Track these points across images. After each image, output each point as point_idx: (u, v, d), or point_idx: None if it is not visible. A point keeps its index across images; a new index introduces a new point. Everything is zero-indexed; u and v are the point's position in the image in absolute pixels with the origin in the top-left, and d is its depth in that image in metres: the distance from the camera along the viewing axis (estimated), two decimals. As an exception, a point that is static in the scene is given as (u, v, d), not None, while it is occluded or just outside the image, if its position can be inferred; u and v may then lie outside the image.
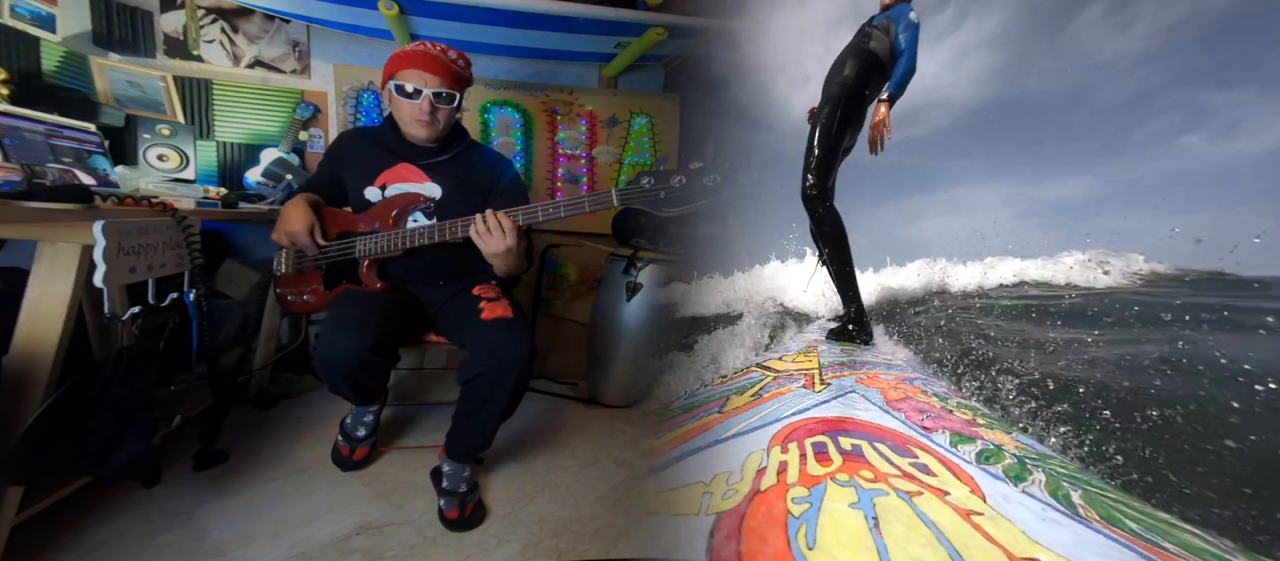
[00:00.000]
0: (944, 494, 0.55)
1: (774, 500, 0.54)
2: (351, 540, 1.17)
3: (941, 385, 1.19)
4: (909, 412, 0.84)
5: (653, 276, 1.97)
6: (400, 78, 1.29)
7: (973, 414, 0.91)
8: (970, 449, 0.70)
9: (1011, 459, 0.68)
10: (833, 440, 0.69)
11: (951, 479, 0.59)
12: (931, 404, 0.93)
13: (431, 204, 1.36)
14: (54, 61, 1.73)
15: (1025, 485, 0.60)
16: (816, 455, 0.64)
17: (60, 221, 0.95)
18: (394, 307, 1.31)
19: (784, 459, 0.64)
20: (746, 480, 0.60)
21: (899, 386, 1.03)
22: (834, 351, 1.47)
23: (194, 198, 1.52)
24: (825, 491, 0.55)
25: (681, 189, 1.09)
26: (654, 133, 2.53)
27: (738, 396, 0.99)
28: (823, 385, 1.02)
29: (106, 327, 1.12)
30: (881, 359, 1.39)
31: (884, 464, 0.62)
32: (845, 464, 0.61)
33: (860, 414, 0.82)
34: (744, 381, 1.13)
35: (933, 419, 0.82)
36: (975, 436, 0.76)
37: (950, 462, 0.64)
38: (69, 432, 0.90)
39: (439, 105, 1.31)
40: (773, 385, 1.05)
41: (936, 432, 0.76)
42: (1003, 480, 0.61)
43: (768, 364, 1.32)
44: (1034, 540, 0.48)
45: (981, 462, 0.66)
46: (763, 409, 0.88)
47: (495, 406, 1.24)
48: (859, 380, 1.06)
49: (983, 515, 0.52)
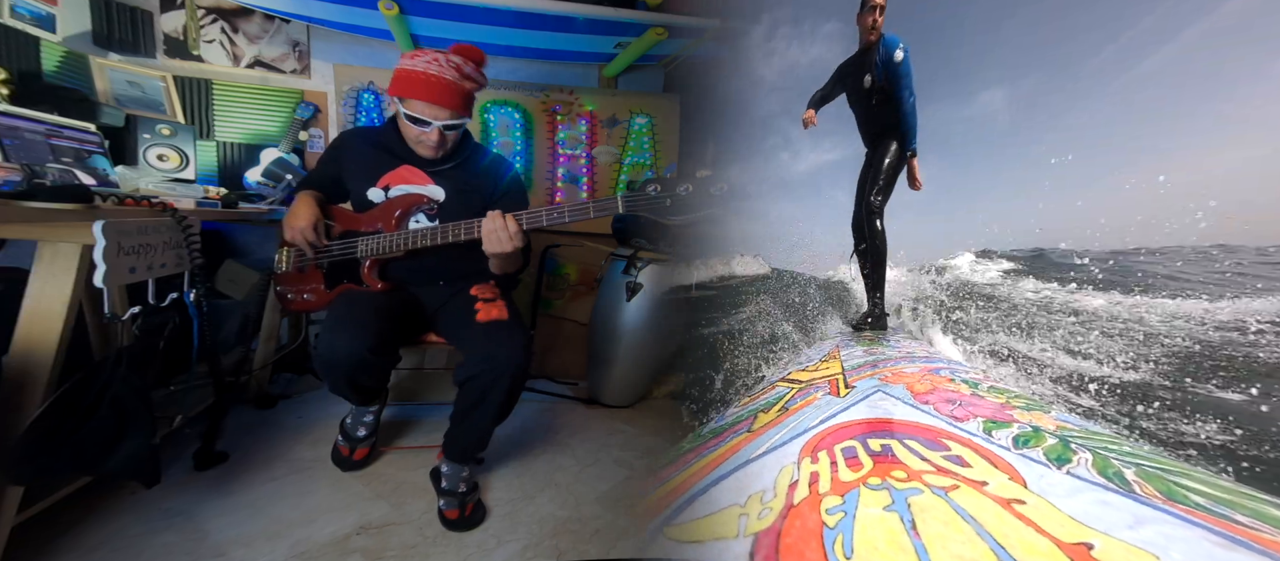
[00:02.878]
0: (982, 485, 0.53)
1: (808, 512, 0.53)
2: (351, 540, 1.17)
3: (971, 371, 1.16)
4: (938, 404, 0.81)
5: (653, 276, 1.97)
6: (410, 106, 1.25)
7: (1006, 397, 0.87)
8: (1006, 434, 0.67)
9: (1053, 440, 0.64)
10: (862, 443, 0.67)
11: (988, 468, 0.57)
12: (960, 392, 0.90)
13: (434, 205, 1.36)
14: (54, 61, 1.73)
15: (1070, 466, 0.56)
16: (847, 461, 0.62)
17: (60, 221, 0.95)
18: (394, 308, 1.31)
19: (815, 469, 0.62)
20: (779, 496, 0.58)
21: (925, 378, 1.00)
22: (856, 354, 1.46)
23: (194, 198, 1.52)
24: (858, 497, 0.53)
25: (688, 197, 1.09)
26: (654, 133, 2.53)
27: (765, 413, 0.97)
28: (847, 389, 1.00)
29: (106, 327, 1.12)
30: (903, 353, 1.37)
31: (916, 461, 0.60)
32: (876, 467, 0.59)
33: (887, 412, 0.80)
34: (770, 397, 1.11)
35: (963, 407, 0.79)
36: (1010, 420, 0.72)
37: (985, 451, 0.61)
38: (69, 432, 0.90)
39: (448, 134, 1.30)
40: (798, 397, 1.02)
41: (968, 421, 0.73)
42: (1044, 464, 0.57)
43: (791, 376, 1.30)
44: (1085, 524, 0.45)
45: (1020, 447, 0.62)
46: (790, 421, 0.85)
47: (490, 408, 1.24)
48: (883, 378, 1.03)
49: (1025, 503, 0.49)
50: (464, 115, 1.30)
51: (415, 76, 1.23)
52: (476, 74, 1.31)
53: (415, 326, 1.39)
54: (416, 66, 1.24)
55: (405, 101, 1.25)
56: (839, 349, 1.60)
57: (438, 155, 1.33)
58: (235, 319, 1.73)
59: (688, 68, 2.49)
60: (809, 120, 2.11)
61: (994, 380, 1.08)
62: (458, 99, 1.26)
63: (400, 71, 1.26)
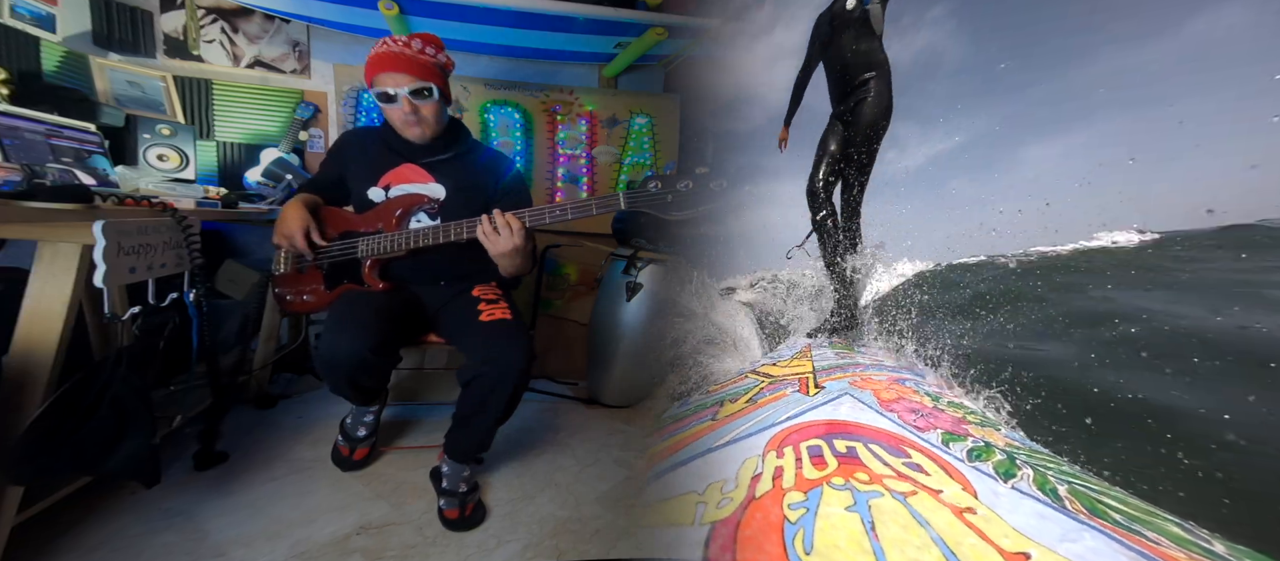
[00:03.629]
0: (938, 492, 0.56)
1: (770, 506, 0.54)
2: (351, 540, 1.17)
3: (933, 383, 1.19)
4: (902, 413, 0.85)
5: (652, 276, 1.97)
6: (377, 84, 1.27)
7: (962, 411, 0.92)
8: (961, 447, 0.71)
9: (1001, 455, 0.68)
10: (828, 443, 0.69)
11: (944, 477, 0.60)
12: (923, 403, 0.93)
13: (435, 205, 1.36)
14: (54, 61, 1.73)
15: (1014, 481, 0.60)
16: (812, 459, 0.64)
17: (60, 221, 0.95)
18: (395, 308, 1.31)
19: (780, 464, 0.64)
20: (741, 487, 0.60)
21: (892, 387, 1.03)
22: (827, 355, 1.48)
23: (194, 198, 1.52)
24: (822, 495, 0.55)
25: (688, 194, 1.10)
26: (654, 133, 2.53)
27: (731, 403, 0.99)
28: (817, 389, 1.02)
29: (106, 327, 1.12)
30: (873, 360, 1.40)
31: (879, 465, 0.62)
32: (841, 467, 0.62)
33: (855, 416, 0.83)
34: (738, 387, 1.13)
35: (925, 418, 0.82)
36: (965, 434, 0.76)
37: (943, 461, 0.65)
38: (69, 432, 0.90)
39: (419, 102, 1.29)
40: (767, 390, 1.05)
41: (929, 432, 0.76)
42: (993, 477, 0.61)
43: (762, 369, 1.32)
44: (1024, 535, 0.48)
45: (972, 460, 0.66)
46: (757, 414, 0.88)
47: (493, 409, 1.24)
48: (853, 382, 1.06)
49: (975, 512, 0.52)
50: (429, 82, 1.29)
51: (373, 57, 1.28)
52: (430, 50, 1.31)
53: (416, 326, 1.39)
54: (373, 50, 1.29)
55: (374, 83, 1.28)
56: (810, 348, 1.62)
57: (423, 133, 1.33)
58: (235, 319, 1.73)
59: (688, 68, 2.49)
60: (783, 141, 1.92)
61: (953, 395, 1.12)
62: (416, 67, 1.27)
63: (367, 63, 1.30)
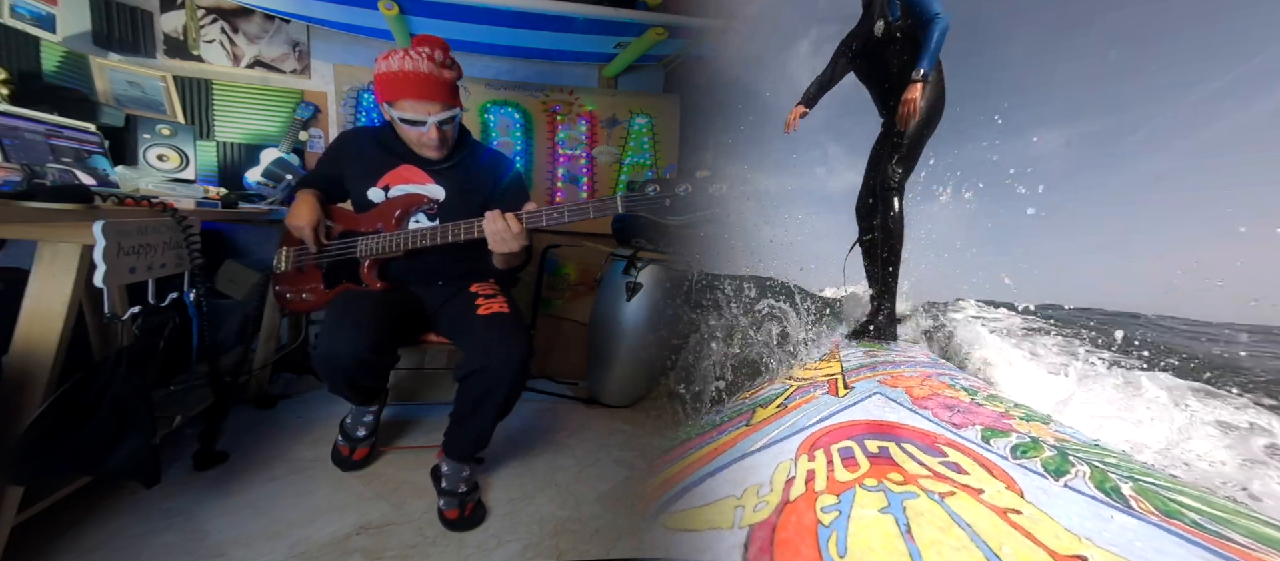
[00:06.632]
0: (978, 492, 0.53)
1: (804, 509, 0.53)
2: (351, 540, 1.17)
3: (971, 379, 1.16)
4: (937, 409, 0.81)
5: (652, 276, 1.97)
6: (400, 108, 1.25)
7: (1005, 406, 0.88)
8: (1004, 443, 0.67)
9: (1051, 451, 0.64)
10: (859, 444, 0.67)
11: (985, 476, 0.57)
12: (959, 398, 0.89)
13: (434, 205, 1.36)
14: (54, 61, 1.73)
15: (1067, 479, 0.57)
16: (844, 461, 0.62)
17: (60, 221, 0.95)
18: (394, 307, 1.31)
19: (811, 467, 0.62)
20: (776, 491, 0.58)
21: (925, 383, 1.00)
22: (856, 355, 1.45)
23: (194, 198, 1.52)
24: (854, 498, 0.53)
25: (687, 197, 1.09)
26: (654, 133, 2.53)
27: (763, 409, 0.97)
28: (846, 389, 0.99)
29: (106, 327, 1.12)
30: (904, 357, 1.37)
31: (913, 465, 0.60)
32: (872, 468, 0.60)
33: (886, 415, 0.80)
34: (769, 393, 1.11)
35: (961, 414, 0.79)
36: (1008, 430, 0.72)
37: (983, 458, 0.61)
38: (69, 432, 0.90)
39: (445, 128, 1.29)
40: (797, 394, 1.02)
41: (966, 429, 0.72)
42: (1042, 474, 0.57)
43: (791, 373, 1.30)
44: (1080, 537, 0.45)
45: (1018, 457, 0.62)
46: (788, 419, 0.85)
47: (491, 406, 1.24)
48: (882, 381, 1.03)
49: (1021, 513, 0.49)
50: (455, 106, 1.29)
51: (397, 77, 1.22)
52: (449, 61, 1.29)
53: (415, 326, 1.39)
54: (393, 66, 1.22)
55: (395, 105, 1.25)
56: (838, 349, 1.60)
57: (443, 154, 1.33)
58: (235, 319, 1.73)
59: (688, 68, 2.49)
60: (792, 121, 1.79)
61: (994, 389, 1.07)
62: (444, 90, 1.26)
63: (381, 77, 1.24)
